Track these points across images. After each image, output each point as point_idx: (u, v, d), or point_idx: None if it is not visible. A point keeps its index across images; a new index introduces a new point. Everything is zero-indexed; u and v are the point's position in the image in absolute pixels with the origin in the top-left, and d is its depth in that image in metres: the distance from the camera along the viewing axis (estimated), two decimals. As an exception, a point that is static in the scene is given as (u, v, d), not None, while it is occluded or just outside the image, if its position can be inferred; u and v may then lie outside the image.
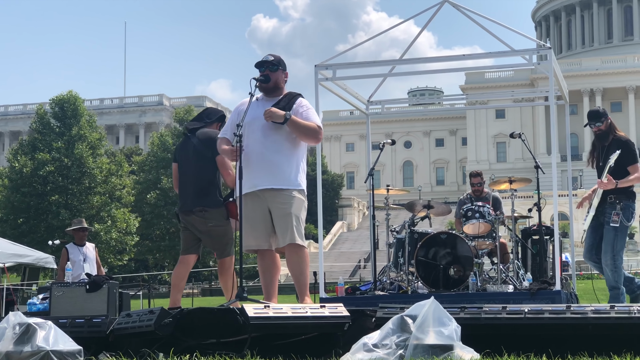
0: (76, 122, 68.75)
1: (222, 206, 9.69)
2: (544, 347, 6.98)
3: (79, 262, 15.88)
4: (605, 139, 11.09)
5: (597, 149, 11.25)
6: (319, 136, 8.55)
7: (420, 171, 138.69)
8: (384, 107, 17.22)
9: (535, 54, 13.41)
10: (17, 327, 6.88)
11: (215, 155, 9.39)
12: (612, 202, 10.94)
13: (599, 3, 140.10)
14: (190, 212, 9.72)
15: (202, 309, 7.81)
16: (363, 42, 15.09)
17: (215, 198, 9.70)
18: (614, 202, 10.94)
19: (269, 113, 8.33)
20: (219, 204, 9.69)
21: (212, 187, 9.70)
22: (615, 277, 10.87)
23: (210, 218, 9.68)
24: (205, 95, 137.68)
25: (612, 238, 10.89)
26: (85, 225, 16.41)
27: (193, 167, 9.72)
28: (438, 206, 13.76)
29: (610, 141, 11.03)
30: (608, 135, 11.08)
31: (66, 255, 15.88)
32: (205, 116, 10.14)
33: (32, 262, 30.00)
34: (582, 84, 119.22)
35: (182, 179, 9.88)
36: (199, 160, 9.70)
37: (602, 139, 11.12)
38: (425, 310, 6.20)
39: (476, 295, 12.38)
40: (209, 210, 9.65)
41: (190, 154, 9.80)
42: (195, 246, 10.09)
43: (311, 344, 7.36)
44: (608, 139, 11.07)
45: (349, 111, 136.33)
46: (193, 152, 9.78)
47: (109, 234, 65.84)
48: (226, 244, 9.94)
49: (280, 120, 8.33)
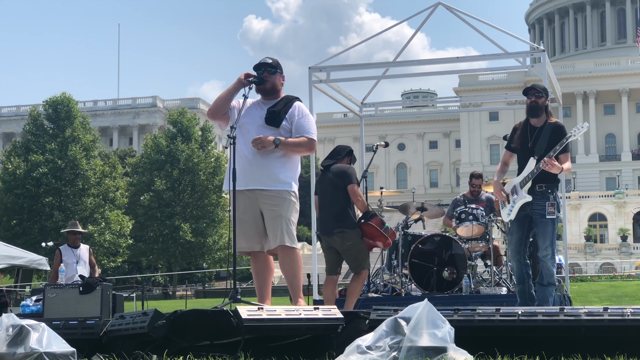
0: (70, 123, 68.67)
1: (357, 227, 11.05)
2: (538, 349, 6.98)
3: (72, 264, 15.87)
4: (536, 114, 10.10)
5: (523, 129, 10.19)
6: (312, 149, 8.58)
7: (413, 173, 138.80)
8: (378, 109, 17.26)
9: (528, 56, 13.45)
10: (11, 329, 6.87)
11: (347, 185, 11.02)
12: (544, 192, 10.02)
13: (593, 6, 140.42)
14: (331, 233, 11.17)
15: (196, 311, 7.80)
16: (357, 44, 15.12)
17: (351, 221, 11.09)
18: (546, 191, 10.04)
19: (260, 142, 8.30)
20: (355, 225, 11.06)
21: (347, 211, 11.11)
22: (553, 272, 10.20)
23: (348, 238, 11.04)
24: (199, 97, 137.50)
25: (551, 231, 10.06)
26: (79, 229, 16.39)
27: (330, 196, 11.22)
28: (432, 208, 13.79)
29: (544, 124, 10.07)
30: (539, 112, 10.11)
31: (60, 257, 15.86)
32: (336, 153, 11.58)
33: (25, 263, 29.98)
34: (576, 86, 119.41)
35: (322, 207, 11.43)
36: (334, 190, 11.18)
37: (533, 113, 10.13)
38: (419, 313, 6.20)
39: (470, 298, 12.41)
40: (346, 232, 11.03)
41: (327, 186, 11.30)
42: (336, 266, 11.52)
43: (305, 345, 7.36)
44: (540, 119, 10.12)
45: (343, 113, 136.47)
46: (329, 184, 11.26)
47: (103, 235, 65.77)
48: (362, 260, 11.21)
49: (271, 147, 8.33)
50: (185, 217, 74.68)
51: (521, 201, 10.06)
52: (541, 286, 10.19)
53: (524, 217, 10.15)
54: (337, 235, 11.10)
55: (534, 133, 10.10)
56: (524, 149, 10.12)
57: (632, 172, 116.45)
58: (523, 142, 10.13)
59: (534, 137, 10.07)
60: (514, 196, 10.14)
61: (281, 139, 8.36)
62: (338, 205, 11.10)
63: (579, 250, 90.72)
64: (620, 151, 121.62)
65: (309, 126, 8.60)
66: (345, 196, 11.08)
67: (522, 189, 10.05)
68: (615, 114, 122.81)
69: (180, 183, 75.91)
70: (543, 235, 10.09)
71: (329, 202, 11.25)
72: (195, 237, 73.57)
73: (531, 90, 10.15)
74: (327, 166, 11.49)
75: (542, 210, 10.05)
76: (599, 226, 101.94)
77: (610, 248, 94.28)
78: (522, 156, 10.16)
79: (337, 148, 11.80)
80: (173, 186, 75.43)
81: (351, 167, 11.38)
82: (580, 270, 79.31)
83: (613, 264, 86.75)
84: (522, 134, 10.17)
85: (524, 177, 10.04)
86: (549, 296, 10.19)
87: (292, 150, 8.50)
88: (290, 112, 8.56)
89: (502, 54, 13.81)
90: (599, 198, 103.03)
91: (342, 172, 11.20)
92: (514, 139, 10.29)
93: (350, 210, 11.13)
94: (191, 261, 77.67)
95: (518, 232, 10.24)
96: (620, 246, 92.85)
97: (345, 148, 11.75)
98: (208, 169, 76.46)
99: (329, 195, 11.27)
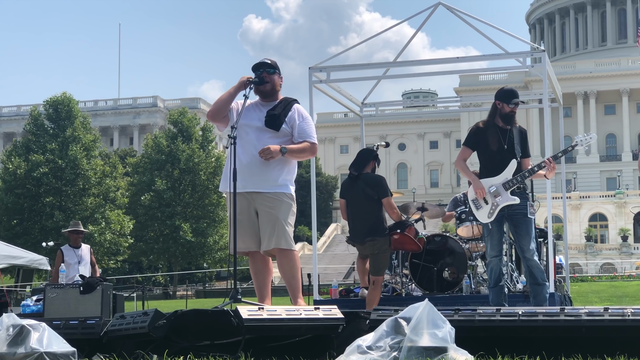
0: (70, 123, 68.71)
1: (387, 237, 11.70)
2: (538, 350, 6.98)
3: (74, 264, 15.87)
4: (511, 122, 10.23)
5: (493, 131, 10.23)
6: (314, 152, 8.70)
7: (414, 173, 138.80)
8: (378, 109, 17.24)
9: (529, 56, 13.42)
10: (11, 329, 6.86)
11: (382, 198, 11.55)
12: (522, 193, 10.16)
13: (593, 6, 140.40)
14: (363, 242, 11.71)
15: (196, 311, 7.80)
16: (357, 44, 15.10)
17: (383, 229, 11.69)
18: (524, 192, 10.20)
19: (268, 153, 8.26)
20: (385, 233, 11.69)
21: (380, 221, 11.66)
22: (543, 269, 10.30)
23: (377, 246, 11.63)
24: (200, 97, 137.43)
25: (531, 230, 10.17)
26: (81, 229, 16.40)
27: (364, 207, 11.69)
28: (432, 208, 13.76)
29: (511, 127, 10.20)
30: (514, 120, 10.32)
31: (61, 257, 15.87)
32: (363, 159, 11.97)
33: (25, 263, 29.98)
34: (576, 86, 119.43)
35: (354, 215, 11.83)
36: (369, 201, 11.63)
37: (510, 121, 10.20)
38: (420, 313, 6.20)
39: (470, 298, 12.40)
40: (377, 240, 11.60)
41: (360, 196, 11.70)
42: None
43: (305, 345, 7.36)
44: (512, 124, 10.25)
45: (343, 113, 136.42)
46: (361, 193, 11.68)
47: (103, 235, 65.81)
48: (384, 266, 11.91)
49: (278, 156, 8.35)
50: (186, 217, 74.70)
51: (506, 202, 10.07)
52: (537, 286, 10.20)
53: (502, 217, 10.20)
54: (369, 242, 11.66)
55: (505, 135, 10.18)
56: (500, 151, 10.15)
57: (632, 172, 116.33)
58: (499, 144, 10.16)
59: (506, 139, 10.15)
60: (497, 198, 10.10)
61: (287, 148, 8.39)
62: (373, 216, 11.65)
63: (580, 251, 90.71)
64: (620, 151, 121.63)
65: (310, 130, 8.63)
66: (378, 206, 11.63)
67: (507, 190, 10.06)
68: (616, 114, 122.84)
69: (181, 183, 75.92)
70: (526, 234, 10.14)
71: (363, 213, 11.71)
72: (195, 237, 73.56)
73: (517, 99, 10.22)
74: (357, 173, 11.85)
75: (525, 209, 10.13)
76: (600, 226, 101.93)
77: (610, 248, 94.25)
78: (497, 158, 10.18)
79: (363, 152, 12.14)
80: (173, 186, 75.44)
81: (383, 178, 11.97)
82: (581, 270, 79.35)
83: (613, 264, 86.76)
84: (494, 135, 10.21)
85: (508, 179, 10.06)
86: (546, 294, 10.22)
87: (296, 157, 8.61)
88: (290, 116, 8.56)
89: (502, 54, 13.80)
90: (600, 198, 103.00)
91: (376, 184, 11.72)
92: (481, 139, 10.30)
93: (383, 219, 11.74)
94: (192, 261, 77.67)
95: (498, 232, 10.27)
96: (620, 246, 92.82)
97: (371, 152, 12.09)
98: (209, 169, 76.48)
99: (362, 206, 11.71)
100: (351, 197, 11.89)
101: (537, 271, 10.15)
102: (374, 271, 11.86)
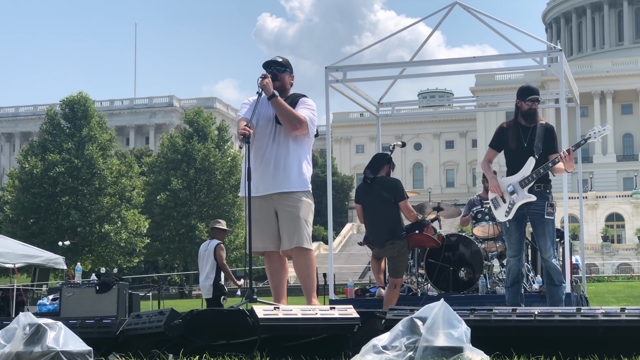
0: (86, 123, 68.84)
1: (405, 238, 11.79)
2: (554, 350, 6.96)
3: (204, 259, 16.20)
4: (533, 120, 10.14)
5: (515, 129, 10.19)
6: (297, 125, 8.41)
7: (430, 173, 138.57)
8: (394, 109, 17.23)
9: (545, 56, 13.39)
10: (28, 328, 6.89)
11: (399, 201, 11.67)
12: (542, 192, 10.03)
13: (610, 5, 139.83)
14: (383, 245, 11.79)
15: (212, 310, 7.82)
16: (373, 44, 15.09)
17: (401, 231, 11.78)
18: (544, 191, 10.06)
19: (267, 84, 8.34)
20: (404, 236, 11.78)
21: (398, 224, 11.76)
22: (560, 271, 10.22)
23: (397, 248, 11.72)
24: (215, 97, 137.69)
25: (551, 231, 10.07)
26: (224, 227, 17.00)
27: (382, 211, 11.73)
28: (448, 208, 13.75)
29: (535, 125, 10.11)
30: (536, 117, 10.19)
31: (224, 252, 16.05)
32: (377, 163, 11.98)
33: (42, 262, 30.06)
34: (593, 86, 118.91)
35: (372, 219, 11.91)
36: (386, 205, 11.70)
37: (532, 119, 10.10)
38: (435, 312, 6.19)
39: (486, 298, 12.39)
40: (397, 242, 11.69)
41: (377, 200, 11.77)
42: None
43: (321, 345, 7.36)
44: (535, 121, 10.14)
45: (359, 113, 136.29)
46: (378, 197, 11.74)
47: (119, 235, 65.93)
48: (403, 267, 12.06)
49: (268, 94, 8.34)
50: (202, 216, 74.74)
51: (522, 201, 10.00)
52: (553, 286, 10.16)
53: (522, 216, 10.12)
54: (389, 245, 11.75)
55: (527, 133, 10.10)
56: (519, 149, 10.09)
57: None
58: (518, 142, 10.10)
59: (527, 137, 10.07)
60: (512, 195, 10.05)
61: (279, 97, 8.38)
62: (391, 219, 11.73)
63: (596, 251, 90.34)
64: (637, 151, 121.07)
65: (306, 110, 8.53)
66: (396, 210, 11.74)
67: (524, 188, 9.99)
68: (633, 114, 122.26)
69: (197, 182, 75.99)
70: (544, 235, 10.06)
71: (382, 217, 11.76)
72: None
73: (533, 96, 10.14)
74: (372, 176, 11.91)
75: (542, 210, 10.04)
76: (616, 226, 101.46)
77: (627, 248, 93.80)
78: (517, 156, 10.13)
79: (377, 157, 12.15)
80: (189, 185, 75.52)
81: (399, 181, 11.99)
82: (597, 270, 79.00)
83: (630, 265, 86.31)
84: (516, 134, 10.14)
85: (525, 176, 9.99)
86: (562, 295, 10.18)
87: (282, 113, 8.38)
88: (296, 109, 8.54)
89: (519, 54, 13.77)
90: (616, 198, 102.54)
91: (392, 187, 11.79)
92: (503, 139, 10.25)
93: (401, 221, 11.88)
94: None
95: (517, 232, 10.19)
96: (637, 246, 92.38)
97: (385, 156, 12.13)
98: (224, 169, 76.50)
99: (380, 210, 11.76)
100: (368, 201, 11.92)
101: (554, 272, 10.09)
102: (393, 273, 11.95)
